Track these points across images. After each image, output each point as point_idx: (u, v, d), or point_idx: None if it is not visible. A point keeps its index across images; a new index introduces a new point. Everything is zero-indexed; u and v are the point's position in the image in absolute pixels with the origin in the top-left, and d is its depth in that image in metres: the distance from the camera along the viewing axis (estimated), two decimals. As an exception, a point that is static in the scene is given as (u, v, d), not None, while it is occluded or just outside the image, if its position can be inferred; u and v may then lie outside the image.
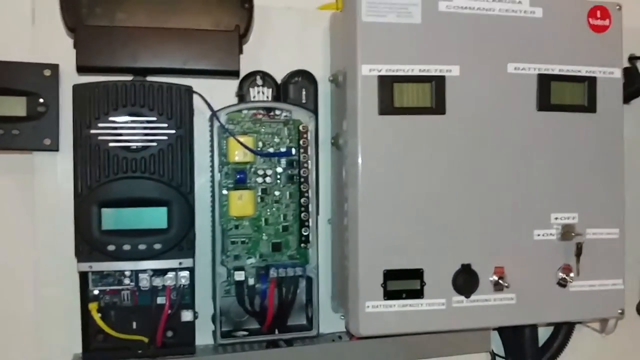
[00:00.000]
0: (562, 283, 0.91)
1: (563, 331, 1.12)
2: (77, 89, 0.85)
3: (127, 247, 0.84)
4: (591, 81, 0.92)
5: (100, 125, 0.84)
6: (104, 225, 0.84)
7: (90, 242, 0.84)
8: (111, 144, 0.84)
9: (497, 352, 1.12)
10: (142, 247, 0.85)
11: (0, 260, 0.96)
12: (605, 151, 0.93)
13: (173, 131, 0.86)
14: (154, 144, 0.85)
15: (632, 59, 1.08)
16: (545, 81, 0.90)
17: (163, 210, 0.85)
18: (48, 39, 0.90)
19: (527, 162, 0.90)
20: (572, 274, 0.90)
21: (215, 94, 0.92)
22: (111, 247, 0.84)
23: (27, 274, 0.92)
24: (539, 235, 0.91)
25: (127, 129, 0.85)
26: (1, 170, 0.95)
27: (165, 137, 0.86)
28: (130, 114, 0.85)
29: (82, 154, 0.84)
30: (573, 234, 0.90)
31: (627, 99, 1.04)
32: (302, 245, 0.94)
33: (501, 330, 1.11)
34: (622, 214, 0.94)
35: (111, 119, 0.84)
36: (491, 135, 0.89)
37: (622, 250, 0.94)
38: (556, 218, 0.91)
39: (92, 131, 0.84)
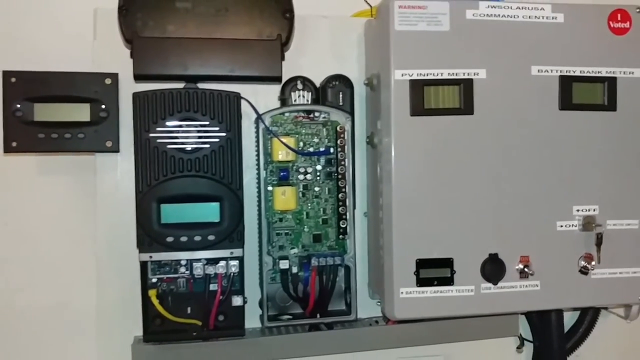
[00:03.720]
0: (584, 271, 0.95)
1: (588, 317, 1.17)
2: (136, 96, 0.93)
3: (184, 238, 0.92)
4: (611, 81, 0.96)
5: (158, 129, 0.92)
6: (163, 219, 0.92)
7: (150, 234, 0.92)
8: (168, 146, 0.92)
9: (525, 336, 1.17)
10: (197, 238, 0.92)
11: (66, 253, 1.06)
12: (625, 147, 0.97)
13: (223, 134, 0.94)
14: (207, 145, 0.93)
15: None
16: (567, 82, 0.95)
17: (216, 205, 0.93)
18: (108, 50, 0.98)
19: (550, 158, 0.95)
20: (593, 262, 0.95)
21: (259, 98, 1.00)
22: (170, 239, 0.92)
23: (91, 265, 1.00)
24: (561, 226, 0.95)
25: (182, 133, 0.93)
26: (67, 170, 1.05)
27: (216, 140, 0.93)
28: (185, 119, 0.93)
29: (142, 156, 0.92)
30: (594, 225, 0.94)
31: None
32: (341, 236, 1.01)
33: (529, 316, 1.16)
34: (642, 206, 0.98)
35: (168, 123, 0.93)
36: (516, 133, 0.94)
37: (642, 240, 0.98)
38: (578, 210, 0.96)
39: (151, 135, 0.92)
